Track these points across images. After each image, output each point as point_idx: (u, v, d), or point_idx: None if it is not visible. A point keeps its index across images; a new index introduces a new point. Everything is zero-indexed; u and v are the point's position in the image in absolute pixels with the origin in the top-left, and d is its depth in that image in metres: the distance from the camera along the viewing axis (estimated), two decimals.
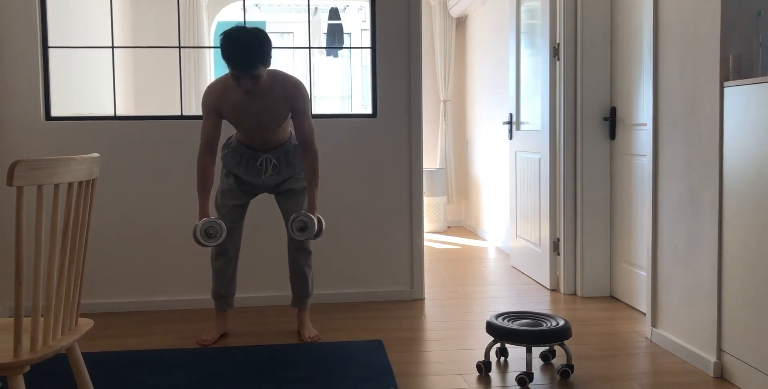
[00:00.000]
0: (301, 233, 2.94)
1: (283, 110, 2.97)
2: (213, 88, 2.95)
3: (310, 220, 2.94)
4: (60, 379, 2.66)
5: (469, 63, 6.79)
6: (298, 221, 2.94)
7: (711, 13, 2.61)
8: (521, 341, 2.60)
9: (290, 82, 2.96)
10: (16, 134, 3.62)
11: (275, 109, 2.95)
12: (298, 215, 2.94)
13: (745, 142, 2.43)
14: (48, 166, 1.67)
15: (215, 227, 2.87)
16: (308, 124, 3.00)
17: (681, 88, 2.84)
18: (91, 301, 3.72)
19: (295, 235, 2.95)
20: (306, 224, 2.94)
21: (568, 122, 3.92)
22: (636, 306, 3.63)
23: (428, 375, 2.69)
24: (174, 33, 6.26)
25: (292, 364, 2.81)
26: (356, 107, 7.57)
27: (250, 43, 2.72)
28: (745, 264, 2.46)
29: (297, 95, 2.96)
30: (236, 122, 3.00)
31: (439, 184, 6.59)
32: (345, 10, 7.43)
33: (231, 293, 3.20)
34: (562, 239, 4.00)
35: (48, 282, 1.74)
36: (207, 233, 2.86)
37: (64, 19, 4.45)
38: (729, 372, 2.59)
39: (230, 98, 2.92)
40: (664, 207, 3.00)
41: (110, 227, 3.71)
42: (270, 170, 3.11)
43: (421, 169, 3.87)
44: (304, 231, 2.94)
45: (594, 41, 3.83)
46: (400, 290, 3.90)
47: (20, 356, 1.67)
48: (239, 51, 2.71)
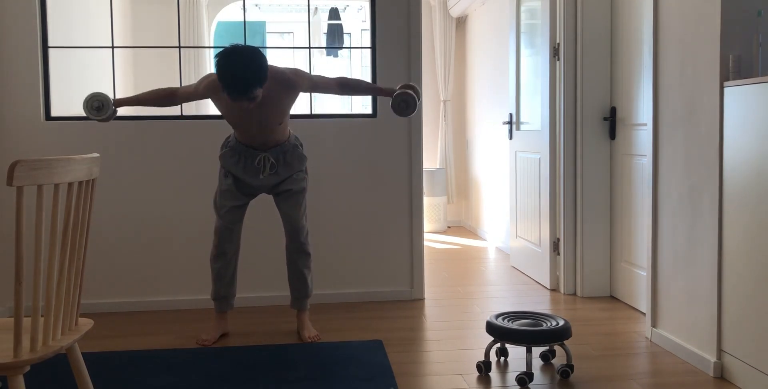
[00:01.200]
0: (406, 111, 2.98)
1: (288, 102, 2.98)
2: (214, 83, 2.91)
3: (409, 96, 2.95)
4: (60, 379, 2.66)
5: (469, 63, 6.79)
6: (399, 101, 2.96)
7: (711, 13, 2.61)
8: (521, 341, 2.60)
9: (287, 75, 2.94)
10: (16, 134, 3.62)
11: (278, 105, 2.94)
12: (399, 95, 2.96)
13: (745, 142, 2.43)
14: (48, 166, 1.67)
15: (101, 99, 2.96)
16: (326, 78, 3.04)
17: (681, 88, 2.84)
18: (91, 301, 3.72)
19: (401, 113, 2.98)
20: (407, 102, 2.97)
21: (568, 122, 3.92)
22: (636, 306, 3.63)
23: (428, 375, 2.69)
24: (174, 33, 6.26)
25: (292, 364, 2.81)
26: (356, 107, 7.57)
27: (245, 69, 2.67)
28: (745, 264, 2.46)
29: (299, 81, 2.95)
30: (235, 124, 3.00)
31: (439, 184, 6.59)
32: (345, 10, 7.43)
33: (231, 294, 3.20)
34: (562, 239, 4.00)
35: (48, 282, 1.74)
36: (95, 107, 2.96)
37: (64, 19, 4.45)
38: (729, 372, 2.59)
39: (226, 100, 2.91)
40: (664, 207, 3.00)
41: (110, 227, 3.72)
42: (268, 169, 3.10)
43: (421, 169, 3.87)
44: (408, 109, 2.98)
45: (594, 41, 3.83)
46: (400, 291, 3.90)
47: (20, 356, 1.67)
48: (234, 79, 2.68)
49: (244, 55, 2.71)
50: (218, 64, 2.71)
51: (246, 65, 2.69)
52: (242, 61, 2.69)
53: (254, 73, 2.70)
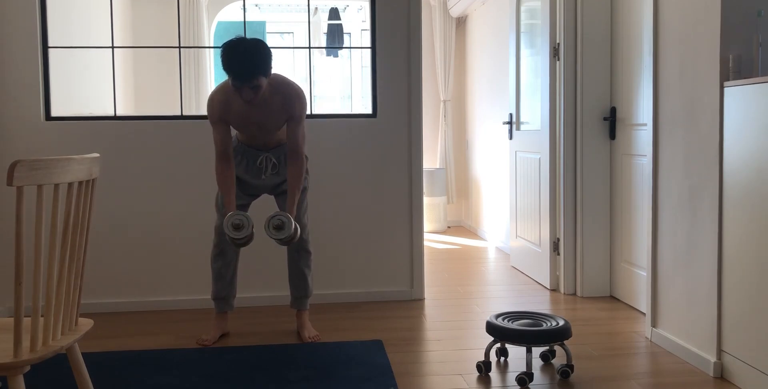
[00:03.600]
0: (276, 232, 2.83)
1: (281, 118, 2.97)
2: (215, 98, 2.94)
3: (288, 219, 2.83)
4: (60, 379, 2.66)
5: (469, 63, 6.79)
6: (275, 219, 2.83)
7: (711, 13, 2.61)
8: (521, 341, 2.60)
9: (291, 90, 2.94)
10: (16, 134, 3.62)
11: (275, 115, 2.96)
12: (277, 214, 2.84)
13: (745, 142, 2.43)
14: (48, 166, 1.67)
15: (241, 218, 2.81)
16: (302, 132, 2.98)
17: (681, 88, 2.84)
18: (91, 301, 3.72)
19: (271, 233, 2.84)
20: (283, 223, 2.83)
21: (568, 122, 3.92)
22: (636, 306, 3.63)
23: (428, 375, 2.69)
24: (174, 33, 6.26)
25: (292, 364, 2.81)
26: (356, 107, 7.57)
27: (250, 55, 2.72)
28: (745, 264, 2.46)
29: (296, 104, 2.94)
30: (238, 127, 3.01)
31: (439, 184, 6.59)
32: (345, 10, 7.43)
33: (231, 294, 3.20)
34: (562, 239, 4.00)
35: (48, 282, 1.74)
36: (234, 225, 2.81)
37: (64, 19, 4.45)
38: (729, 372, 2.59)
39: (233, 106, 2.93)
40: (664, 207, 3.00)
41: (110, 227, 3.71)
42: (270, 169, 3.11)
43: (421, 169, 3.87)
44: (280, 230, 2.84)
45: (594, 41, 3.83)
46: (400, 291, 3.90)
47: (20, 356, 1.67)
48: (240, 63, 2.71)
49: (248, 44, 2.77)
50: (224, 50, 2.76)
51: (251, 52, 2.74)
52: (247, 49, 2.74)
53: (259, 58, 2.74)
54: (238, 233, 2.81)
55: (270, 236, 2.84)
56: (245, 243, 2.88)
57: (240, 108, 2.92)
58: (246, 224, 2.82)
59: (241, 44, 2.75)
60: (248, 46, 2.75)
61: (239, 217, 2.81)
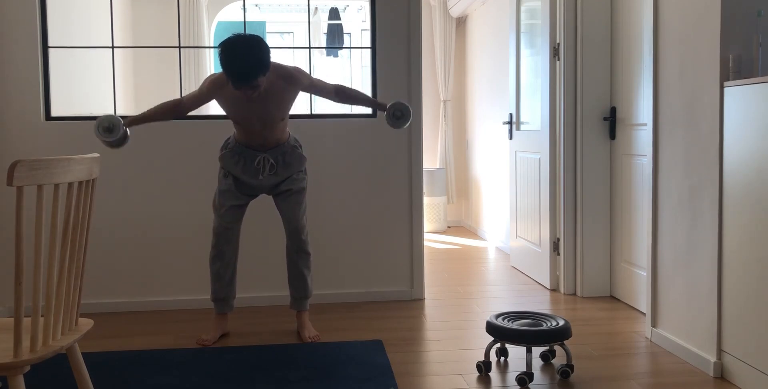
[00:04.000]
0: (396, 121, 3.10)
1: (290, 97, 3.00)
2: (216, 80, 2.93)
3: (405, 107, 3.09)
4: (60, 379, 2.66)
5: (469, 63, 6.79)
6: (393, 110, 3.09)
7: (711, 13, 2.61)
8: (521, 341, 2.60)
9: (287, 70, 2.97)
10: (16, 134, 3.62)
11: (280, 101, 2.95)
12: (394, 105, 3.08)
13: (745, 142, 2.43)
14: (48, 166, 1.67)
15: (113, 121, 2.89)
16: (325, 82, 3.11)
17: (681, 88, 2.84)
18: (91, 301, 3.72)
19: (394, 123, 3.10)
20: (402, 112, 3.09)
21: (568, 122, 3.92)
22: (636, 306, 3.63)
23: (428, 375, 2.69)
24: (174, 33, 6.26)
25: (292, 364, 2.81)
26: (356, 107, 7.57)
27: (247, 58, 2.70)
28: (745, 264, 2.46)
29: (300, 78, 2.99)
30: (237, 118, 3.00)
31: (439, 184, 6.59)
32: (345, 10, 7.43)
33: (230, 295, 3.19)
34: (562, 239, 4.00)
35: (48, 282, 1.74)
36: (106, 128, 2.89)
37: (64, 19, 4.45)
38: (729, 372, 2.59)
39: (230, 94, 2.92)
40: (664, 207, 3.00)
41: (110, 227, 3.71)
42: (267, 169, 3.10)
43: (421, 169, 3.87)
44: (401, 118, 3.10)
45: (594, 41, 3.83)
46: (400, 291, 3.90)
47: (20, 356, 1.67)
48: (237, 66, 2.70)
49: (247, 43, 2.74)
50: (222, 52, 2.73)
51: (249, 52, 2.71)
52: (246, 49, 2.72)
53: (257, 60, 2.72)
54: (110, 135, 2.89)
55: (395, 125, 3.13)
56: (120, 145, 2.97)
57: (239, 98, 2.92)
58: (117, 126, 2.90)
59: (238, 45, 2.72)
60: (245, 49, 2.71)
61: (109, 120, 2.89)
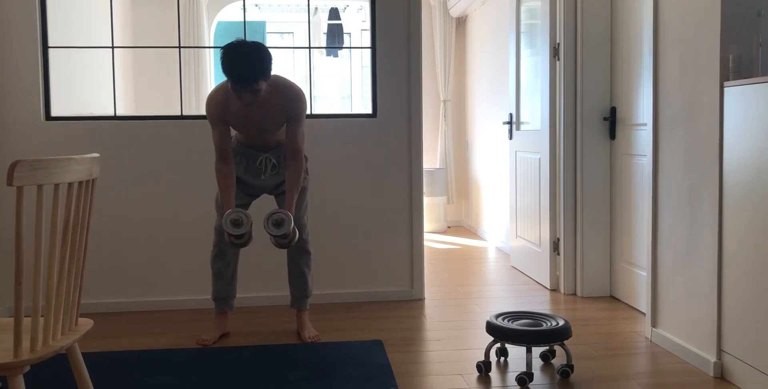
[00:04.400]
0: (276, 228, 2.83)
1: (281, 118, 2.96)
2: (214, 98, 2.93)
3: (288, 217, 2.83)
4: (60, 379, 2.66)
5: (469, 63, 6.79)
6: (275, 215, 2.83)
7: (711, 13, 2.61)
8: (521, 341, 2.60)
9: (291, 91, 2.94)
10: (16, 134, 3.62)
11: (274, 116, 2.95)
12: (276, 211, 2.83)
13: (745, 142, 2.43)
14: (48, 166, 1.67)
15: (240, 215, 2.81)
16: (301, 132, 2.98)
17: (681, 88, 2.84)
18: (91, 301, 3.72)
19: (270, 229, 2.83)
20: (283, 219, 2.83)
21: (568, 122, 3.92)
22: (636, 306, 3.63)
23: (428, 375, 2.69)
24: (174, 33, 6.26)
25: (292, 364, 2.81)
26: (356, 107, 7.57)
27: (250, 60, 2.71)
28: (745, 264, 2.46)
29: (295, 104, 2.94)
30: (238, 127, 3.01)
31: (439, 184, 6.59)
32: (345, 10, 7.43)
33: (231, 295, 3.20)
34: (562, 239, 4.00)
35: (48, 282, 1.74)
36: (233, 221, 2.80)
37: (64, 19, 4.45)
38: (729, 372, 2.59)
39: (232, 106, 2.92)
40: (663, 207, 3.00)
41: (110, 227, 3.71)
42: (269, 169, 3.11)
43: (421, 169, 3.87)
44: (279, 227, 2.83)
45: (594, 41, 3.83)
46: (400, 291, 3.90)
47: (20, 356, 1.67)
48: (239, 68, 2.70)
49: (248, 48, 2.75)
50: (224, 55, 2.74)
51: (251, 56, 2.72)
52: (247, 53, 2.73)
53: (259, 64, 2.73)
54: (237, 229, 2.80)
55: (269, 232, 2.83)
56: (244, 243, 2.88)
57: (239, 109, 2.92)
58: (245, 221, 2.81)
59: (241, 48, 2.73)
60: (248, 51, 2.72)
61: (238, 213, 2.81)
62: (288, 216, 2.83)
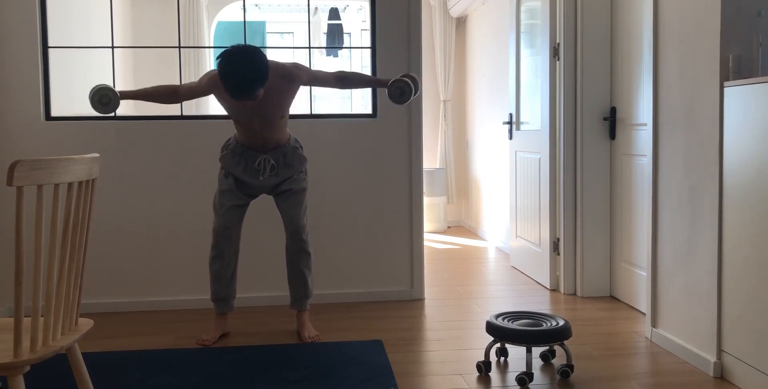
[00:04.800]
0: (401, 99, 3.04)
1: (289, 95, 3.00)
2: (215, 78, 2.93)
3: (405, 84, 3.02)
4: (60, 379, 2.66)
5: (469, 63, 6.79)
6: (394, 88, 3.03)
7: (711, 13, 2.61)
8: (521, 341, 2.60)
9: (288, 70, 2.97)
10: (16, 134, 3.62)
11: (280, 98, 2.96)
12: (395, 82, 3.02)
13: (745, 142, 2.43)
14: (48, 166, 1.67)
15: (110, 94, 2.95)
16: (325, 72, 3.08)
17: (681, 88, 2.84)
18: (91, 301, 3.72)
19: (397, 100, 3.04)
20: (402, 89, 3.03)
21: (568, 122, 3.92)
22: (636, 306, 3.63)
23: (428, 375, 2.69)
24: (174, 33, 6.26)
25: (292, 364, 2.81)
26: (356, 107, 7.57)
27: (247, 71, 2.70)
28: (745, 264, 2.46)
29: (299, 75, 2.98)
30: (237, 116, 3.00)
31: (439, 184, 6.59)
32: (345, 10, 7.43)
33: (230, 295, 3.19)
34: (562, 239, 4.00)
35: (48, 282, 1.74)
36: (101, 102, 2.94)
37: (64, 19, 4.45)
38: (729, 372, 2.59)
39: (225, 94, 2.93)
40: (664, 207, 3.00)
41: (110, 227, 3.71)
42: (268, 170, 3.11)
43: (421, 169, 3.87)
44: (403, 96, 3.03)
45: (594, 41, 3.83)
46: (400, 291, 3.90)
47: (20, 356, 1.67)
48: (237, 80, 2.70)
49: (245, 56, 2.73)
50: (220, 66, 2.72)
51: (248, 66, 2.71)
52: (244, 63, 2.71)
53: (256, 73, 2.72)
54: (105, 107, 2.95)
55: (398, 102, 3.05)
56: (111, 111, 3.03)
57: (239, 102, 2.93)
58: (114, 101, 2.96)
59: (238, 59, 2.71)
60: (244, 61, 2.71)
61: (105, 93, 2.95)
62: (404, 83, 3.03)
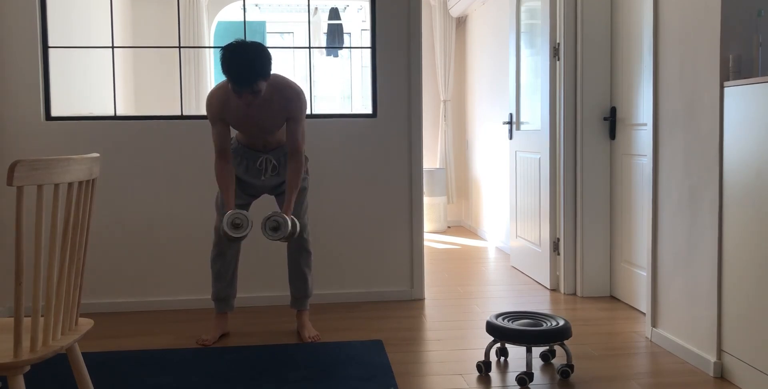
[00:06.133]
0: (273, 233, 2.87)
1: (281, 117, 2.97)
2: (215, 96, 2.94)
3: (284, 221, 2.86)
4: (60, 379, 2.66)
5: (469, 63, 6.79)
6: (271, 220, 2.87)
7: (711, 13, 2.61)
8: (521, 341, 2.60)
9: (291, 91, 2.95)
10: (16, 134, 3.62)
11: (274, 116, 2.96)
12: (273, 215, 2.86)
13: (745, 142, 2.43)
14: (48, 166, 1.67)
15: (241, 218, 2.84)
16: (301, 132, 2.99)
17: (681, 88, 2.84)
18: (91, 301, 3.72)
19: (268, 234, 2.87)
20: (279, 224, 2.87)
21: (568, 122, 3.92)
22: (636, 306, 3.63)
23: (428, 375, 2.69)
24: (174, 33, 6.26)
25: (292, 364, 2.81)
26: (356, 107, 7.57)
27: (250, 61, 2.71)
28: (745, 264, 2.46)
29: (295, 104, 2.95)
30: (238, 126, 3.01)
31: (439, 184, 6.59)
32: (345, 10, 7.43)
33: (231, 295, 3.19)
34: (562, 239, 4.00)
35: (48, 282, 1.74)
36: (233, 224, 2.84)
37: (64, 19, 4.45)
38: (729, 372, 2.59)
39: (232, 104, 2.93)
40: (664, 207, 3.00)
41: (110, 227, 3.71)
42: (270, 170, 3.11)
43: (421, 169, 3.87)
44: (276, 231, 2.87)
45: (594, 41, 3.83)
46: (400, 291, 3.90)
47: (20, 356, 1.67)
48: (239, 69, 2.71)
49: (248, 48, 2.75)
50: (223, 56, 2.74)
51: (251, 57, 2.72)
52: (247, 54, 2.73)
53: (259, 64, 2.73)
54: (237, 232, 2.84)
55: (267, 237, 2.87)
56: (240, 240, 2.92)
57: (239, 108, 2.92)
58: (245, 223, 2.85)
59: (241, 49, 2.73)
60: (247, 52, 2.72)
61: (239, 216, 2.84)
62: (284, 219, 2.86)
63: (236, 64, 2.71)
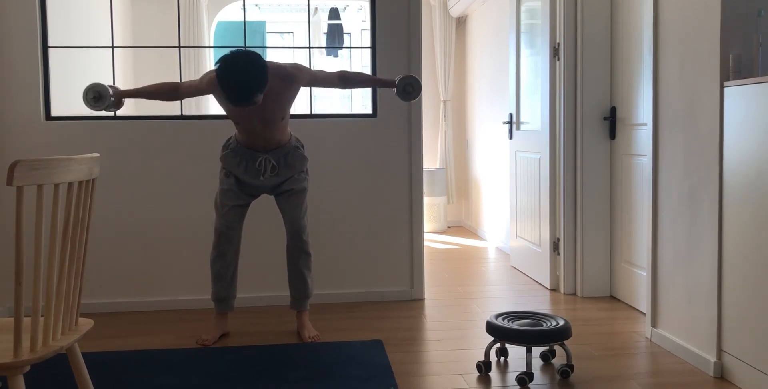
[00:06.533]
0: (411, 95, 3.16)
1: (290, 96, 3.00)
2: (214, 80, 2.93)
3: (414, 80, 3.15)
4: (60, 379, 2.66)
5: (469, 63, 6.79)
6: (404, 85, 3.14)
7: (711, 13, 2.61)
8: (521, 341, 2.60)
9: (288, 71, 2.96)
10: (16, 134, 3.62)
11: (280, 100, 2.95)
12: (403, 79, 3.14)
13: (745, 142, 2.43)
14: (48, 166, 1.67)
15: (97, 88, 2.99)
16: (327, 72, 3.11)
17: (681, 88, 2.84)
18: (91, 301, 3.72)
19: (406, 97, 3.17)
20: (412, 85, 3.16)
21: (568, 122, 3.92)
22: (636, 306, 3.63)
23: (428, 375, 2.69)
24: (174, 33, 6.26)
25: (292, 364, 2.81)
26: (356, 107, 7.57)
27: (246, 82, 2.70)
28: (746, 264, 2.46)
29: (299, 76, 2.98)
30: (237, 118, 3.00)
31: (439, 184, 6.59)
32: (345, 10, 7.44)
33: (231, 295, 3.19)
34: (562, 239, 4.00)
35: (48, 282, 1.74)
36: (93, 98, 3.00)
37: (64, 19, 4.45)
38: (729, 372, 2.59)
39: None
40: (664, 207, 3.00)
41: (110, 227, 3.72)
42: (269, 171, 3.11)
43: (421, 169, 3.87)
44: (413, 92, 3.16)
45: (594, 41, 3.83)
46: (400, 291, 3.90)
47: (20, 356, 1.67)
48: (236, 88, 2.70)
49: (244, 62, 2.72)
50: (219, 72, 2.72)
51: (247, 73, 2.70)
52: (243, 69, 2.71)
53: (255, 79, 2.72)
54: (97, 104, 3.01)
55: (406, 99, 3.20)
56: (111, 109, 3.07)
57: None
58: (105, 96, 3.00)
59: (236, 67, 2.70)
60: (243, 69, 2.70)
61: (96, 89, 3.00)
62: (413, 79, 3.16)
63: (233, 84, 2.70)
